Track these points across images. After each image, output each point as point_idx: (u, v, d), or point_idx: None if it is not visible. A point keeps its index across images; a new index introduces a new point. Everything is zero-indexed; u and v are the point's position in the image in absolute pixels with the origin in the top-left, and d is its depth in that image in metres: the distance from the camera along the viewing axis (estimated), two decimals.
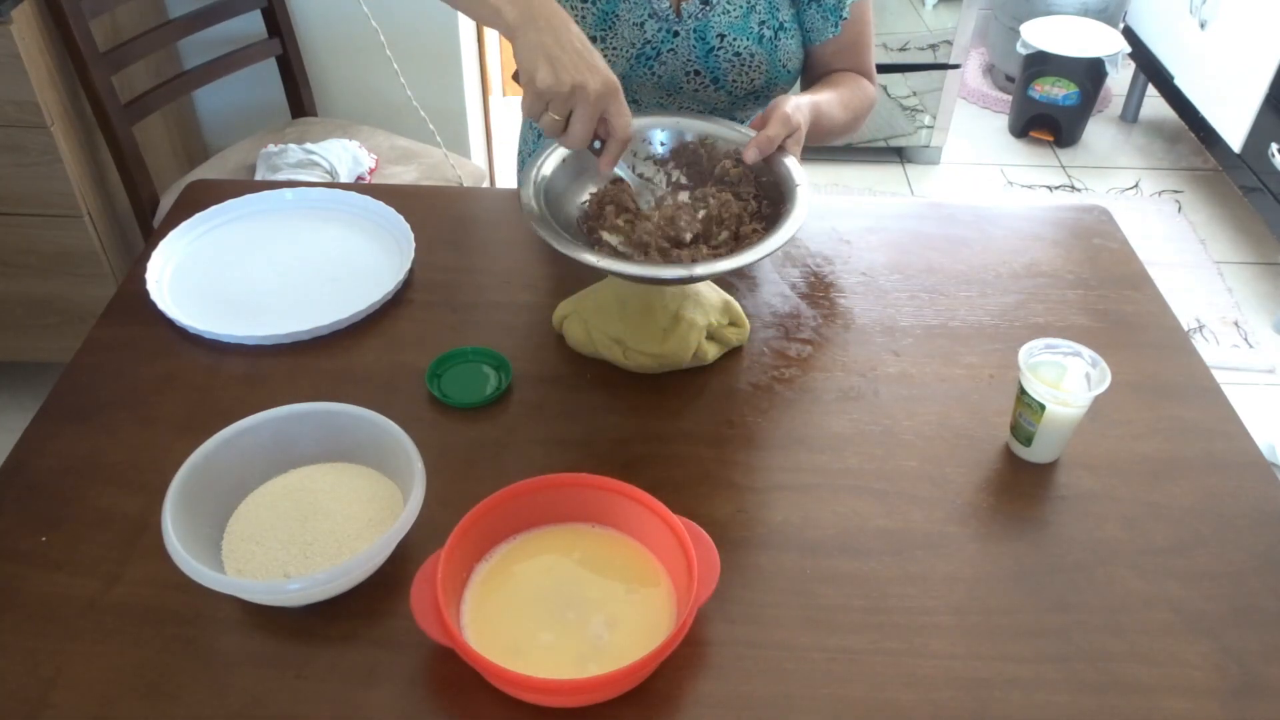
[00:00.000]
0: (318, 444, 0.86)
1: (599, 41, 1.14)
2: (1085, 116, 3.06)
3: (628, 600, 0.77)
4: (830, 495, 0.88)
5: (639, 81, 1.18)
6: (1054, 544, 0.85)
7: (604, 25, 1.13)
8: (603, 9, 1.12)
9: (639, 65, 1.16)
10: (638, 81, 1.18)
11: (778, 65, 1.17)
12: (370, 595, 0.79)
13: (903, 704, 0.73)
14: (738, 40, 1.14)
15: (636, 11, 1.13)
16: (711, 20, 1.13)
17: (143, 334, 1.03)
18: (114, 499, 0.86)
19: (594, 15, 1.13)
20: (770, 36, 1.15)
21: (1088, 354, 0.89)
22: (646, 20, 1.13)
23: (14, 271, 1.84)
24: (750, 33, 1.14)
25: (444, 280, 1.11)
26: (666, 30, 1.13)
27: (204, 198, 1.21)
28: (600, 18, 1.13)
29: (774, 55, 1.16)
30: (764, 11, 1.14)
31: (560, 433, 0.94)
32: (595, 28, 1.13)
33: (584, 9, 1.12)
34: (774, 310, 1.08)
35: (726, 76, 1.16)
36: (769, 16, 1.14)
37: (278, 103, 2.08)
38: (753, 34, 1.14)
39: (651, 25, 1.13)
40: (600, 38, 1.14)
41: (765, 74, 1.17)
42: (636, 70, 1.16)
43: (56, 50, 1.68)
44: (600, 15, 1.13)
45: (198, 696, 0.72)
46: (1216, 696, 0.73)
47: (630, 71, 1.16)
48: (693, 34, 1.14)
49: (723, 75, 1.16)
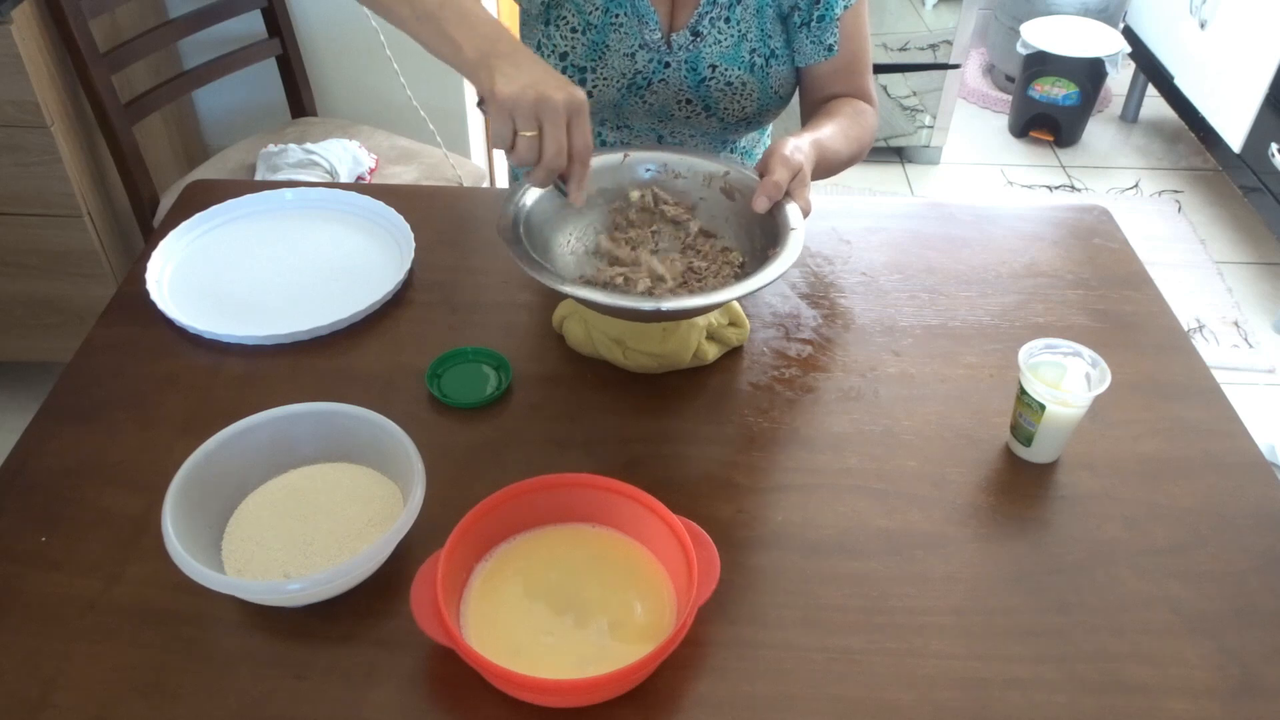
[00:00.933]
0: (318, 444, 0.86)
1: (590, 72, 1.13)
2: (1085, 116, 3.06)
3: (628, 600, 0.77)
4: (830, 495, 0.88)
5: (630, 109, 1.17)
6: (1054, 544, 0.85)
7: (594, 55, 1.13)
8: (593, 40, 1.12)
9: (630, 95, 1.15)
10: (629, 109, 1.17)
11: (769, 92, 1.16)
12: (370, 595, 0.79)
13: (903, 704, 0.73)
14: (729, 70, 1.13)
15: (627, 42, 1.12)
16: (703, 51, 1.13)
17: (143, 334, 1.03)
18: (114, 499, 0.86)
19: (584, 46, 1.12)
20: (761, 64, 1.14)
21: (1088, 354, 0.89)
22: (637, 51, 1.12)
23: (14, 271, 1.84)
24: (741, 61, 1.13)
25: (444, 280, 1.11)
26: (658, 61, 1.13)
27: (204, 198, 1.21)
28: (590, 48, 1.12)
29: (765, 83, 1.15)
30: (755, 39, 1.13)
31: (560, 433, 0.94)
32: (586, 58, 1.13)
33: (574, 39, 1.12)
34: (774, 310, 1.08)
35: (719, 105, 1.16)
36: (760, 44, 1.14)
37: (278, 103, 2.08)
38: (744, 62, 1.13)
39: (642, 56, 1.13)
40: (591, 68, 1.13)
41: (757, 101, 1.16)
42: (628, 99, 1.16)
43: (56, 50, 1.68)
44: (590, 46, 1.12)
45: (198, 696, 0.72)
46: (1216, 696, 0.73)
47: (622, 100, 1.16)
48: (684, 65, 1.13)
49: (715, 104, 1.16)
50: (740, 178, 1.01)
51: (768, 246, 0.95)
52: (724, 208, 1.03)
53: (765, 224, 0.97)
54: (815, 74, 1.18)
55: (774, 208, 0.96)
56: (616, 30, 1.12)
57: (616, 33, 1.12)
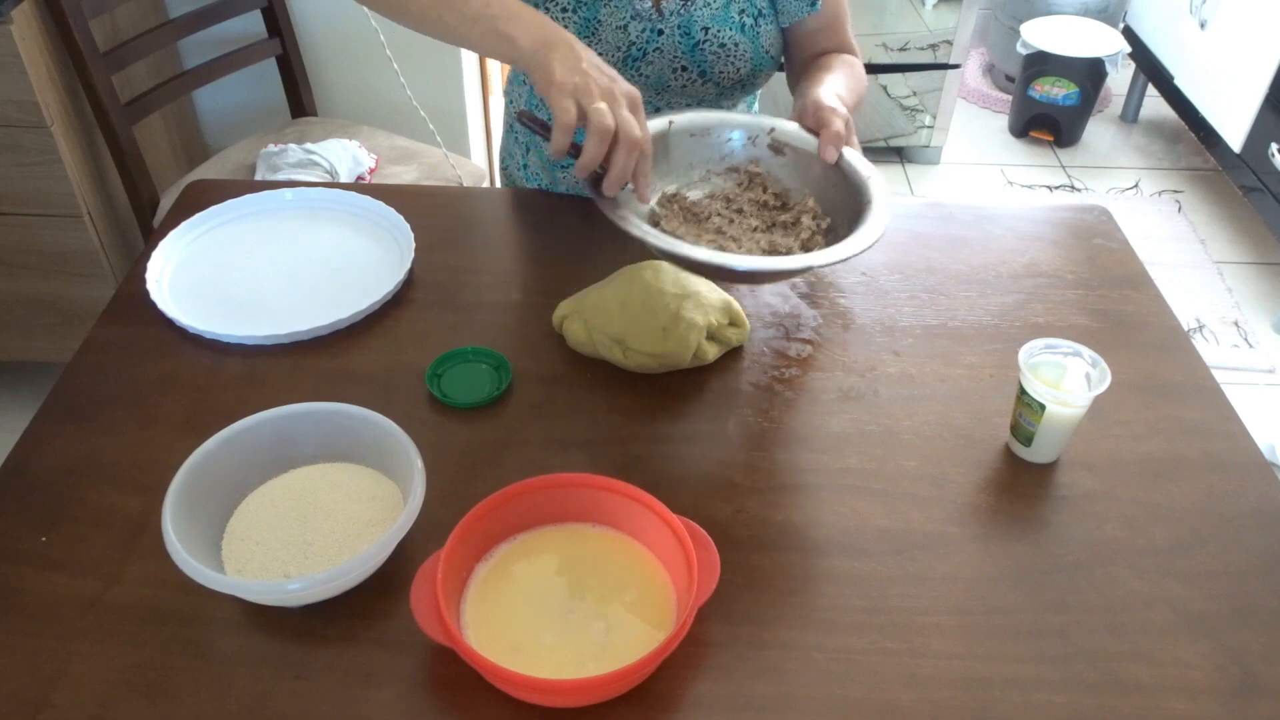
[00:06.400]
0: (318, 444, 0.86)
1: None
2: (1085, 116, 3.06)
3: (628, 600, 0.77)
4: (830, 495, 0.88)
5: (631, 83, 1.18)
6: (1054, 544, 0.85)
7: (588, 32, 1.13)
8: (585, 16, 1.12)
9: (627, 68, 1.16)
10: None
11: (761, 52, 1.18)
12: (370, 595, 0.79)
13: (903, 704, 0.73)
14: (722, 31, 1.15)
15: (618, 15, 1.13)
16: (694, 14, 1.14)
17: (143, 334, 1.03)
18: (114, 499, 0.86)
19: (576, 23, 1.13)
20: (751, 24, 1.16)
21: (1088, 354, 0.89)
22: (630, 22, 1.13)
23: (14, 271, 1.84)
24: (732, 22, 1.15)
25: (444, 280, 1.11)
26: (651, 29, 1.14)
27: (204, 198, 1.21)
28: (583, 25, 1.13)
29: (756, 42, 1.17)
30: (742, 0, 1.15)
31: (560, 433, 0.94)
32: (580, 35, 1.13)
33: (565, 19, 1.12)
34: (774, 310, 1.08)
35: (714, 68, 1.17)
36: (747, 4, 1.15)
37: (278, 103, 2.08)
38: (734, 23, 1.15)
39: (635, 26, 1.13)
40: (587, 44, 1.14)
41: (750, 62, 1.18)
42: (624, 73, 1.16)
43: (56, 50, 1.68)
44: (583, 23, 1.13)
45: (198, 696, 0.72)
46: (1216, 696, 0.73)
47: (621, 75, 1.17)
48: (677, 30, 1.14)
49: (709, 68, 1.17)
50: (786, 132, 1.05)
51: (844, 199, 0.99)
52: (775, 165, 1.06)
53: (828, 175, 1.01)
54: (801, 31, 1.21)
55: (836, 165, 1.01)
56: (607, 4, 1.12)
57: (607, 7, 1.12)
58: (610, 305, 0.98)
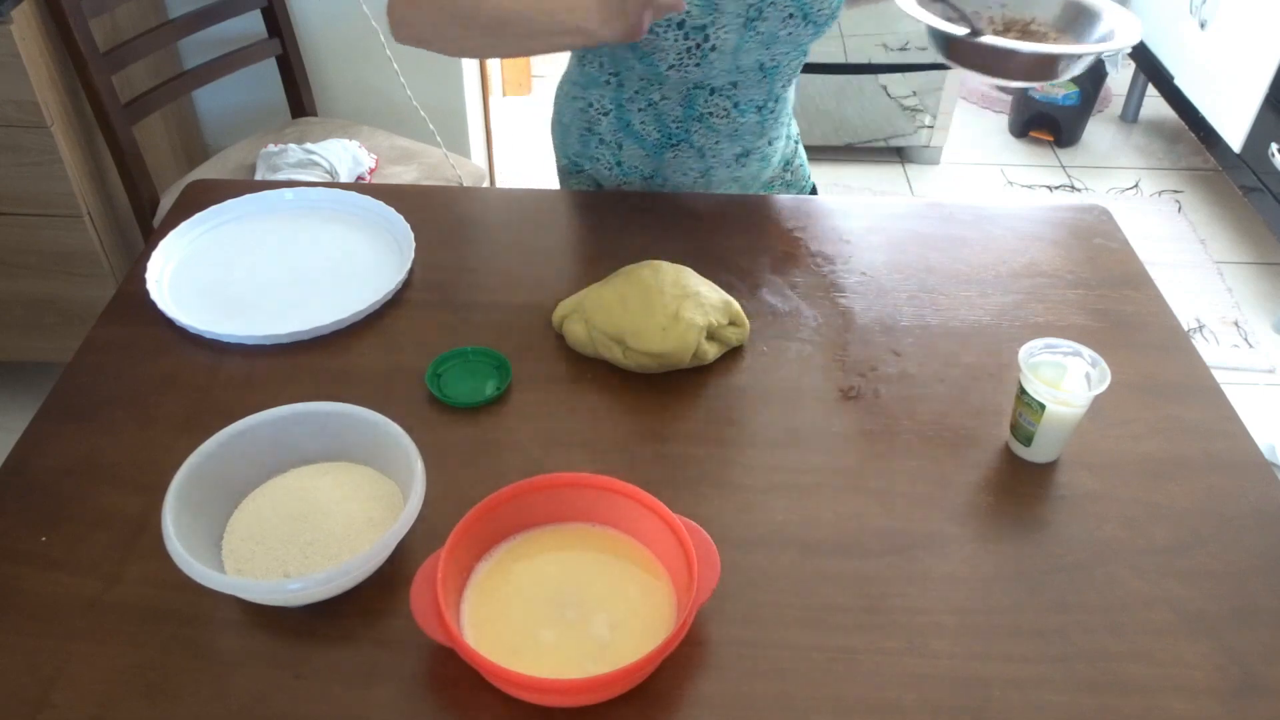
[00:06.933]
0: (318, 444, 0.86)
1: (710, 26, 1.13)
2: (1085, 116, 3.07)
3: (628, 600, 0.77)
4: (830, 495, 0.88)
5: (746, 49, 1.17)
6: (1054, 544, 0.85)
7: (710, 9, 1.12)
8: None
9: (748, 31, 1.15)
10: (745, 49, 1.17)
11: None
12: (370, 595, 0.79)
13: (903, 704, 0.73)
14: None
15: None
16: None
17: (143, 334, 1.03)
18: (114, 499, 0.86)
19: (699, 4, 1.12)
20: None
21: (1088, 354, 0.89)
22: None
23: (14, 271, 1.84)
24: None
25: (444, 280, 1.11)
26: None
27: (204, 198, 1.21)
28: (705, 4, 1.12)
29: None
30: None
31: (560, 433, 0.94)
32: (703, 14, 1.12)
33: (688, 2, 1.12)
34: (774, 310, 1.08)
35: (814, 8, 1.17)
36: None
37: (278, 103, 2.08)
38: None
39: None
40: (710, 22, 1.13)
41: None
42: (745, 39, 1.16)
43: (56, 50, 1.68)
44: (705, 3, 1.12)
45: (198, 696, 0.72)
46: (1216, 696, 0.73)
47: (740, 43, 1.16)
48: None
49: (811, 8, 1.17)
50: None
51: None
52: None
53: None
54: None
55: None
56: None
57: None
58: (610, 305, 0.98)
